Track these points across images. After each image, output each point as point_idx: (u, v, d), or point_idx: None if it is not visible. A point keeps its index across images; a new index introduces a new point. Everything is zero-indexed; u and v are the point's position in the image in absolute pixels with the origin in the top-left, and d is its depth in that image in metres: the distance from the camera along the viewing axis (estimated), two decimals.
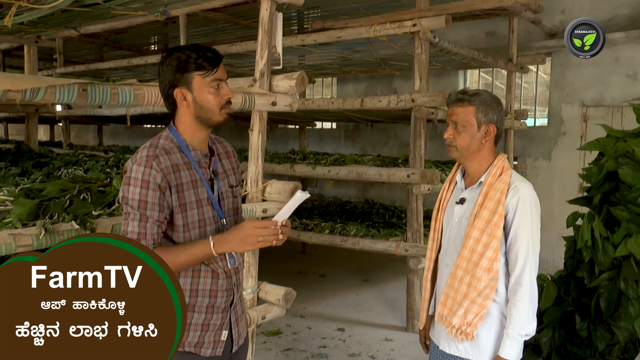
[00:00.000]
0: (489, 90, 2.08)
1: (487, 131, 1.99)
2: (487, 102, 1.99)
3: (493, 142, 2.03)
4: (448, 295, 2.02)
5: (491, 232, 1.91)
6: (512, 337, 1.91)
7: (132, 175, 1.71)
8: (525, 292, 1.90)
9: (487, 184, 1.97)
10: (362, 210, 7.19)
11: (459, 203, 2.07)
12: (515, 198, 1.93)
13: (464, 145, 2.00)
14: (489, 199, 1.94)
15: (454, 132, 2.01)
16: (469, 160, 2.04)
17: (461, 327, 1.97)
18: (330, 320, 5.20)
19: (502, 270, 1.96)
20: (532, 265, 1.92)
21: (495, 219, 1.92)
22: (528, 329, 1.92)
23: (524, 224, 1.92)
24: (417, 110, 4.76)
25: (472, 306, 1.95)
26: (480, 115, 1.98)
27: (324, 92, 10.06)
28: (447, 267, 2.06)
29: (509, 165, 2.02)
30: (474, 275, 1.93)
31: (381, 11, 5.74)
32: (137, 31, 7.76)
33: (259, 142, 3.15)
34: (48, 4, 3.09)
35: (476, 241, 1.94)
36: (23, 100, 2.16)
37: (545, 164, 7.15)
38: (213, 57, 1.78)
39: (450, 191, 2.16)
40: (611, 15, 6.53)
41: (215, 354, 1.83)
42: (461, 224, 2.03)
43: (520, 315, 1.90)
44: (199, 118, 1.80)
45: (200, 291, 1.80)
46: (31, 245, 2.22)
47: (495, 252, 1.91)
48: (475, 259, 1.93)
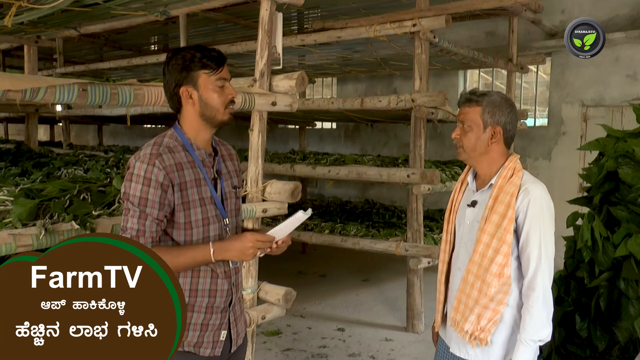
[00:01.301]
0: (501, 92, 2.05)
1: (494, 132, 1.95)
2: (495, 103, 1.95)
3: (503, 144, 1.98)
4: (460, 301, 1.99)
5: (501, 237, 1.88)
6: (526, 342, 1.86)
7: (134, 172, 1.72)
8: (538, 297, 1.86)
9: (497, 186, 1.94)
10: (362, 210, 7.18)
11: (471, 205, 2.03)
12: (525, 200, 1.89)
13: (470, 145, 1.97)
14: (499, 203, 1.91)
15: (461, 132, 1.98)
16: (477, 162, 2.01)
17: (474, 332, 1.94)
18: (330, 320, 5.20)
19: (515, 274, 1.92)
20: (545, 270, 1.88)
21: (505, 223, 1.88)
22: (542, 334, 1.87)
23: (535, 227, 1.88)
24: (417, 110, 4.76)
25: (485, 311, 1.92)
26: (486, 116, 1.94)
27: (324, 92, 10.06)
28: (459, 270, 2.03)
29: (521, 166, 1.98)
30: (484, 281, 1.90)
31: (381, 11, 5.74)
32: (137, 31, 7.76)
33: (259, 142, 3.15)
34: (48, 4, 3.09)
35: (486, 246, 1.90)
36: (23, 100, 2.16)
37: (545, 164, 7.15)
38: (218, 57, 1.80)
39: (462, 192, 2.12)
40: (611, 15, 6.53)
41: (214, 354, 1.84)
42: (473, 227, 2.00)
43: (534, 320, 1.86)
44: (204, 116, 1.81)
45: (200, 291, 1.80)
46: (31, 245, 2.22)
47: (505, 257, 1.87)
48: (485, 264, 1.90)
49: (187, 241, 1.78)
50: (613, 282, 2.74)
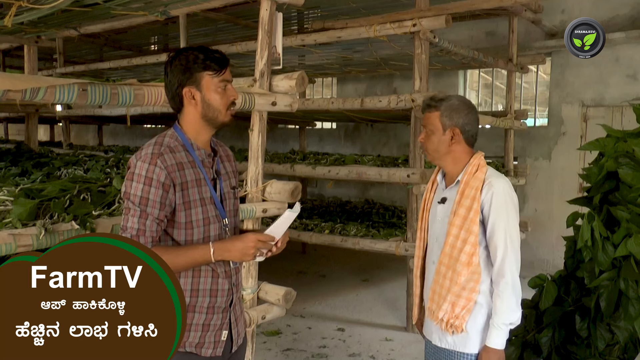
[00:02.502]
0: (462, 96, 2.18)
1: (453, 134, 2.08)
2: (453, 107, 2.09)
3: (465, 144, 2.11)
4: (435, 291, 2.11)
5: (468, 228, 2.00)
6: (498, 326, 1.99)
7: (135, 172, 1.72)
8: (507, 282, 1.98)
9: (463, 182, 2.07)
10: (362, 210, 7.18)
11: (441, 202, 2.17)
12: (489, 193, 2.01)
13: (432, 148, 2.13)
14: (465, 197, 2.04)
15: (425, 136, 2.14)
16: (442, 162, 2.15)
17: (449, 320, 2.05)
18: (330, 320, 5.20)
19: (484, 263, 2.05)
20: (512, 256, 2.00)
21: (471, 215, 2.01)
22: (512, 317, 1.99)
23: (500, 217, 2.00)
24: (417, 110, 4.75)
25: (458, 300, 2.03)
26: (445, 120, 2.08)
27: (324, 92, 10.06)
28: (433, 264, 2.16)
29: (485, 163, 2.11)
30: (454, 270, 2.02)
31: (381, 11, 5.74)
32: (137, 31, 7.77)
33: (259, 142, 3.15)
34: (48, 4, 3.09)
35: (455, 237, 2.03)
36: (23, 100, 2.16)
37: (545, 164, 7.15)
38: (221, 59, 1.81)
39: (433, 191, 2.26)
40: (611, 15, 6.53)
41: (215, 354, 1.84)
42: (443, 222, 2.13)
43: (505, 305, 1.98)
44: (206, 117, 1.82)
45: (201, 291, 1.80)
46: (31, 245, 2.22)
47: (472, 246, 2.00)
48: (455, 254, 2.03)
49: (188, 241, 1.78)
50: (613, 282, 2.73)
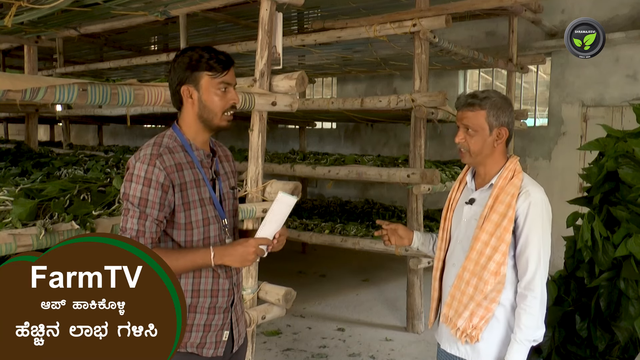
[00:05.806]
0: (498, 91, 2.07)
1: (499, 134, 1.97)
2: (498, 105, 1.96)
3: (505, 145, 2.00)
4: (454, 297, 2.00)
5: (500, 236, 1.90)
6: (521, 342, 1.89)
7: (134, 172, 1.72)
8: (536, 297, 1.89)
9: (498, 186, 1.95)
10: (362, 210, 7.18)
11: (469, 203, 2.05)
12: (526, 203, 1.91)
13: (477, 149, 1.97)
14: (499, 202, 1.93)
15: (466, 136, 1.98)
16: (482, 163, 2.02)
17: (466, 330, 1.96)
18: (330, 320, 5.20)
19: (510, 274, 1.95)
20: (543, 272, 1.90)
21: (504, 222, 1.90)
22: (537, 334, 1.91)
23: (535, 229, 1.91)
24: (417, 110, 4.76)
25: (478, 309, 1.94)
26: (492, 119, 1.95)
27: (324, 92, 10.06)
28: (454, 266, 2.05)
29: (521, 168, 2.00)
30: (481, 278, 1.92)
31: (381, 11, 5.75)
32: (137, 31, 7.77)
33: (259, 142, 3.15)
34: (48, 4, 3.09)
35: (485, 244, 1.92)
36: (23, 100, 2.16)
37: (545, 164, 7.15)
38: (225, 60, 1.80)
39: (460, 191, 2.14)
40: (611, 15, 6.53)
41: (217, 354, 1.84)
42: (470, 224, 2.02)
43: (530, 321, 1.88)
44: (201, 118, 1.81)
45: (202, 291, 1.80)
46: (31, 245, 2.22)
47: (503, 255, 1.90)
48: (483, 261, 1.92)
49: (188, 241, 1.78)
50: (613, 282, 2.73)
